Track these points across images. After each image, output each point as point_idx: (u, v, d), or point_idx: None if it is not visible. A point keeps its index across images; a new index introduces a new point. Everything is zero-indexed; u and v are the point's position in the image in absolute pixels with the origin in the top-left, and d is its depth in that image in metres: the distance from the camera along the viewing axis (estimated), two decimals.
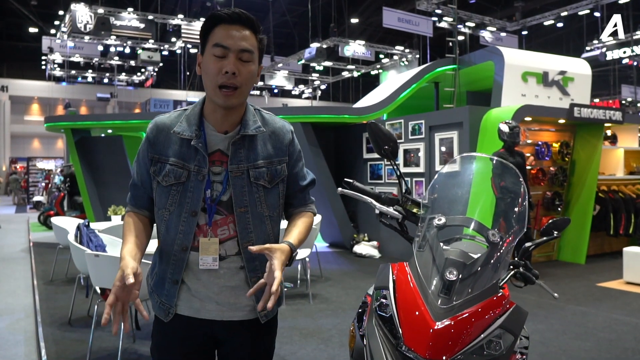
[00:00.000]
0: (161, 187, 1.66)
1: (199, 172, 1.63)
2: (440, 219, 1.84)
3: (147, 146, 1.68)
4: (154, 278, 1.76)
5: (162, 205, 1.67)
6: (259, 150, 1.68)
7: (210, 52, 1.60)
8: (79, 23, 18.64)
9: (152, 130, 1.70)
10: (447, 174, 2.05)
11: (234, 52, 1.58)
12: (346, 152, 10.06)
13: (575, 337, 4.63)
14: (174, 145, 1.65)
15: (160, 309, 1.71)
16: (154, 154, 1.67)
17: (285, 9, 26.79)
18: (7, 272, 7.80)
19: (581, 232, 7.95)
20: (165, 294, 1.69)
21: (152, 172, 1.67)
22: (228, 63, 1.57)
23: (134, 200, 1.76)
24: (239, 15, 1.61)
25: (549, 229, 2.04)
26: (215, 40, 1.59)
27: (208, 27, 1.63)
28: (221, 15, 1.61)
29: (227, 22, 1.60)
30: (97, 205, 10.90)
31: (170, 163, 1.64)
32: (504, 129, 6.54)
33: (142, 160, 1.71)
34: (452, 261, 1.69)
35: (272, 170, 1.69)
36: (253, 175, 1.66)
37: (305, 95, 34.31)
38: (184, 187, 1.63)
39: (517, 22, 20.91)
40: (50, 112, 30.35)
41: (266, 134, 1.71)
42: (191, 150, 1.64)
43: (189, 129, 1.65)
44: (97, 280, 4.13)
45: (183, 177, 1.63)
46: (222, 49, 1.58)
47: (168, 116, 1.72)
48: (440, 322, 1.58)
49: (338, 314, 5.34)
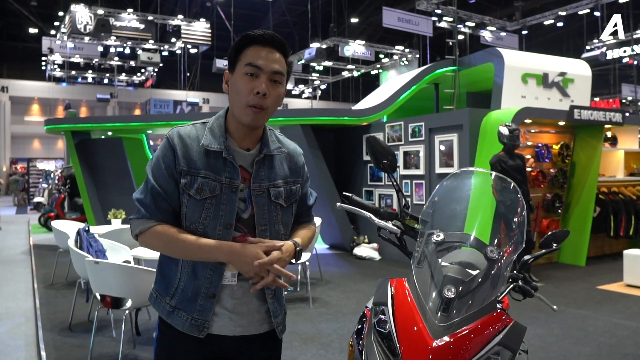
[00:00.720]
0: (194, 200, 1.62)
1: (231, 184, 1.64)
2: (439, 235, 1.84)
3: (173, 158, 1.63)
4: (175, 295, 1.68)
5: (195, 220, 1.63)
6: (278, 170, 1.73)
7: (242, 71, 1.62)
8: (78, 24, 18.65)
9: (178, 141, 1.65)
10: (446, 189, 2.05)
11: (266, 73, 1.61)
12: (346, 153, 10.06)
13: (575, 341, 4.63)
14: (202, 157, 1.64)
15: (192, 325, 1.65)
16: (183, 166, 1.63)
17: (285, 9, 26.76)
18: (7, 275, 7.81)
19: (581, 234, 7.95)
20: (198, 310, 1.64)
21: (182, 185, 1.62)
22: (260, 83, 1.60)
23: (160, 214, 1.65)
24: (272, 38, 1.64)
25: (548, 241, 2.04)
26: (248, 59, 1.61)
27: (240, 47, 1.65)
28: (255, 36, 1.64)
29: (260, 44, 1.63)
30: (97, 208, 10.90)
31: (201, 176, 1.62)
32: (504, 132, 6.54)
33: (166, 172, 1.64)
34: (450, 278, 1.69)
35: (288, 190, 1.75)
36: (273, 194, 1.70)
37: (305, 95, 34.30)
38: (217, 200, 1.63)
39: (517, 21, 20.92)
40: (50, 113, 30.35)
41: (284, 155, 1.77)
42: (220, 163, 1.64)
43: (217, 141, 1.65)
44: (97, 287, 4.13)
45: (217, 190, 1.62)
46: (254, 69, 1.61)
47: (190, 128, 1.70)
48: (439, 340, 1.59)
49: (338, 319, 5.34)
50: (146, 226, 1.65)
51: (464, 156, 7.48)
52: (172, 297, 1.68)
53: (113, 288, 4.04)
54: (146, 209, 1.65)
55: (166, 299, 1.70)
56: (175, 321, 1.66)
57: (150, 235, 1.65)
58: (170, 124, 10.82)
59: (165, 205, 1.65)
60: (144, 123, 11.13)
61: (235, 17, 22.51)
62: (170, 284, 1.69)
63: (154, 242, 1.66)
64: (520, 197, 1.94)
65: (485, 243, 1.81)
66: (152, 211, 1.65)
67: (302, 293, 6.38)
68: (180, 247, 1.62)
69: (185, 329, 1.65)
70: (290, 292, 6.41)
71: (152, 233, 1.64)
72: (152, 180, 1.65)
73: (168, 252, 1.67)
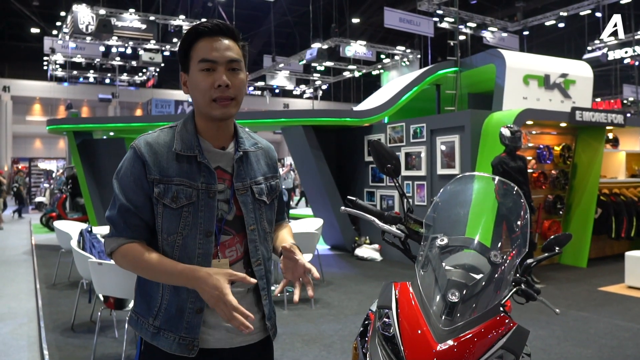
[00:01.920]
0: (170, 210, 1.53)
1: (208, 189, 1.55)
2: (443, 239, 1.85)
3: (142, 168, 1.54)
4: (159, 315, 1.57)
5: (173, 230, 1.54)
6: (256, 167, 1.68)
7: (197, 68, 1.55)
8: (80, 24, 18.66)
9: (147, 149, 1.55)
10: (449, 193, 2.06)
11: (222, 64, 1.54)
12: (348, 155, 10.07)
13: (576, 343, 4.64)
14: (174, 163, 1.55)
15: (181, 345, 1.53)
16: (155, 175, 1.53)
17: (286, 9, 26.78)
18: (9, 275, 7.83)
19: (583, 236, 7.96)
20: (185, 327, 1.54)
21: (156, 195, 1.53)
22: (219, 76, 1.53)
23: (130, 231, 1.55)
24: (219, 27, 1.57)
25: (550, 244, 2.06)
26: (200, 55, 1.55)
27: (189, 43, 1.58)
28: (200, 29, 1.56)
29: (208, 35, 1.56)
30: (99, 208, 10.92)
31: (175, 183, 1.53)
32: (506, 134, 6.55)
33: (135, 183, 1.54)
34: (454, 282, 1.71)
35: (268, 186, 1.70)
36: (257, 192, 1.64)
37: (306, 96, 34.29)
38: (194, 208, 1.54)
39: (518, 22, 20.89)
40: (52, 113, 30.39)
41: (260, 151, 1.72)
42: (194, 167, 1.56)
43: (188, 145, 1.57)
44: (100, 288, 4.15)
45: (193, 197, 1.54)
46: (209, 64, 1.54)
47: (158, 134, 1.61)
48: (443, 343, 1.60)
49: (340, 320, 5.35)
50: (115, 245, 1.56)
51: (466, 157, 7.49)
52: (155, 317, 1.57)
53: (116, 289, 4.06)
54: (115, 227, 1.57)
55: (149, 320, 1.58)
56: (162, 343, 1.55)
57: (120, 255, 1.56)
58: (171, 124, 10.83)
59: (136, 220, 1.55)
60: (145, 123, 11.14)
61: (236, 17, 22.52)
62: (152, 304, 1.58)
63: (124, 262, 1.57)
64: (523, 201, 1.95)
65: (489, 247, 1.83)
66: (122, 228, 1.56)
67: (303, 294, 6.36)
68: (146, 269, 1.52)
69: (174, 349, 1.53)
70: (291, 293, 6.41)
71: (122, 252, 1.56)
72: (120, 195, 1.56)
73: (137, 272, 1.57)
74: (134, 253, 1.54)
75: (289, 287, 6.56)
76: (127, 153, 1.61)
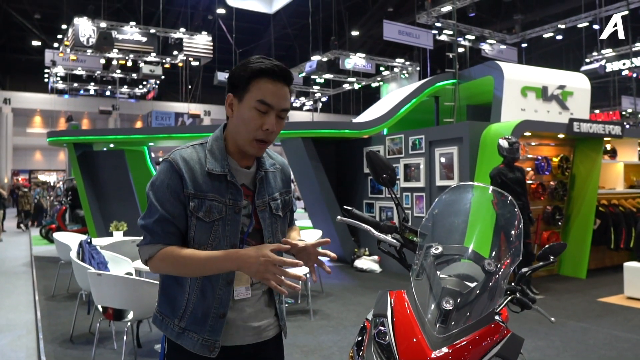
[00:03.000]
0: (202, 223, 1.65)
1: (235, 205, 1.68)
2: (437, 248, 1.87)
3: (180, 182, 1.65)
4: (184, 317, 1.69)
5: (204, 242, 1.66)
6: (273, 184, 1.82)
7: (252, 105, 1.63)
8: (81, 37, 18.79)
9: (184, 165, 1.66)
10: (444, 202, 2.08)
11: (276, 110, 1.65)
12: (347, 166, 10.10)
13: (575, 354, 4.63)
14: (207, 180, 1.66)
15: (203, 346, 1.66)
16: (190, 190, 1.64)
17: (286, 22, 26.99)
18: (8, 287, 7.82)
19: (582, 247, 7.96)
20: (208, 330, 1.67)
21: (191, 209, 1.64)
22: (270, 121, 1.64)
23: (167, 238, 1.65)
24: (283, 72, 1.65)
25: (545, 253, 2.08)
26: (260, 95, 1.62)
27: (251, 76, 1.64)
28: (268, 69, 1.63)
29: (271, 77, 1.64)
30: (99, 219, 10.94)
31: (209, 198, 1.65)
32: (504, 145, 6.58)
33: (172, 196, 1.65)
34: (448, 290, 1.73)
35: (283, 201, 1.84)
36: (274, 207, 1.79)
37: (306, 108, 34.41)
38: (223, 222, 1.67)
39: (516, 34, 21.05)
40: (52, 125, 30.51)
41: (277, 170, 1.86)
42: (223, 185, 1.68)
43: (220, 164, 1.69)
44: (99, 299, 4.16)
45: (223, 212, 1.66)
46: (266, 107, 1.63)
47: (191, 151, 1.71)
48: (438, 351, 1.61)
49: (339, 331, 5.35)
50: (154, 250, 1.65)
51: (464, 169, 7.52)
52: (181, 319, 1.69)
53: (115, 300, 4.07)
54: (152, 235, 1.66)
55: (174, 321, 1.71)
56: (186, 342, 1.68)
57: (159, 259, 1.65)
58: (171, 136, 10.88)
59: (173, 228, 1.66)
60: (145, 135, 11.18)
61: (236, 30, 22.71)
62: (178, 306, 1.71)
63: (163, 265, 1.66)
64: (517, 210, 1.97)
65: (483, 256, 1.85)
66: (159, 236, 1.65)
67: (302, 305, 6.39)
68: (189, 264, 1.62)
69: (197, 349, 1.66)
70: (290, 305, 6.42)
71: (160, 256, 1.65)
72: (157, 205, 1.65)
73: (177, 272, 1.67)
74: (176, 252, 1.64)
75: (289, 298, 6.57)
76: (161, 165, 1.71)
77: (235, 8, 21.82)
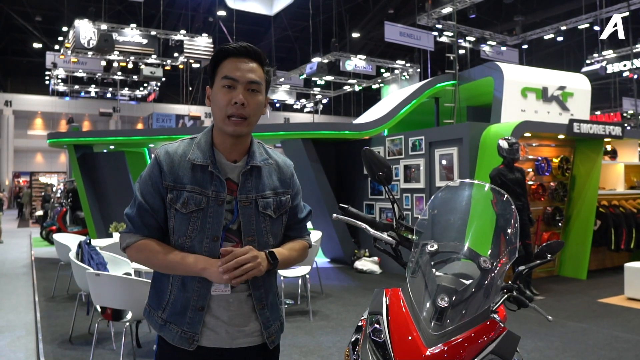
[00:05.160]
0: (180, 214, 1.67)
1: (217, 197, 1.68)
2: (433, 245, 1.87)
3: (160, 174, 1.69)
4: (166, 309, 1.72)
5: (183, 233, 1.68)
6: (266, 182, 1.77)
7: (220, 85, 1.68)
8: (82, 39, 18.80)
9: (165, 158, 1.70)
10: (441, 200, 2.08)
11: (242, 84, 1.67)
12: (347, 167, 10.10)
13: (575, 355, 4.62)
14: (189, 172, 1.69)
15: (182, 338, 1.68)
16: (169, 182, 1.68)
17: (287, 24, 27.01)
18: (8, 289, 7.82)
19: (582, 247, 7.95)
20: (187, 322, 1.68)
21: (169, 200, 1.68)
22: (237, 94, 1.66)
23: (146, 229, 1.71)
24: (246, 49, 1.70)
25: (542, 252, 2.07)
26: (224, 73, 1.67)
27: (217, 61, 1.71)
28: (229, 49, 1.69)
29: (235, 56, 1.69)
30: (99, 221, 10.95)
31: (187, 190, 1.67)
32: (504, 146, 6.58)
33: (152, 188, 1.70)
34: (443, 288, 1.72)
35: (277, 200, 1.78)
36: (261, 205, 1.73)
37: (307, 110, 34.44)
38: (203, 213, 1.67)
39: (517, 36, 21.06)
40: (53, 127, 30.53)
41: (272, 167, 1.81)
42: (206, 176, 1.69)
43: (203, 155, 1.70)
44: (98, 299, 4.15)
45: (203, 204, 1.66)
46: (231, 81, 1.66)
47: (178, 144, 1.75)
48: (433, 348, 1.61)
49: (338, 332, 5.34)
50: (132, 240, 1.71)
51: (464, 170, 7.51)
52: (164, 310, 1.72)
53: (114, 300, 4.06)
54: (133, 225, 1.71)
55: (158, 313, 1.74)
56: (167, 334, 1.70)
57: (135, 249, 1.72)
58: (172, 137, 10.88)
59: (152, 221, 1.71)
60: (146, 137, 11.20)
61: (237, 32, 22.72)
62: (162, 298, 1.74)
63: (138, 256, 1.73)
64: (513, 209, 1.97)
65: (479, 253, 1.84)
66: (139, 226, 1.71)
67: (302, 306, 6.38)
68: (162, 261, 1.67)
69: (176, 342, 1.68)
70: (290, 306, 6.41)
71: (136, 247, 1.71)
72: (140, 196, 1.71)
73: (150, 265, 1.72)
74: (151, 246, 1.69)
75: (288, 299, 6.57)
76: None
77: (236, 10, 21.83)
